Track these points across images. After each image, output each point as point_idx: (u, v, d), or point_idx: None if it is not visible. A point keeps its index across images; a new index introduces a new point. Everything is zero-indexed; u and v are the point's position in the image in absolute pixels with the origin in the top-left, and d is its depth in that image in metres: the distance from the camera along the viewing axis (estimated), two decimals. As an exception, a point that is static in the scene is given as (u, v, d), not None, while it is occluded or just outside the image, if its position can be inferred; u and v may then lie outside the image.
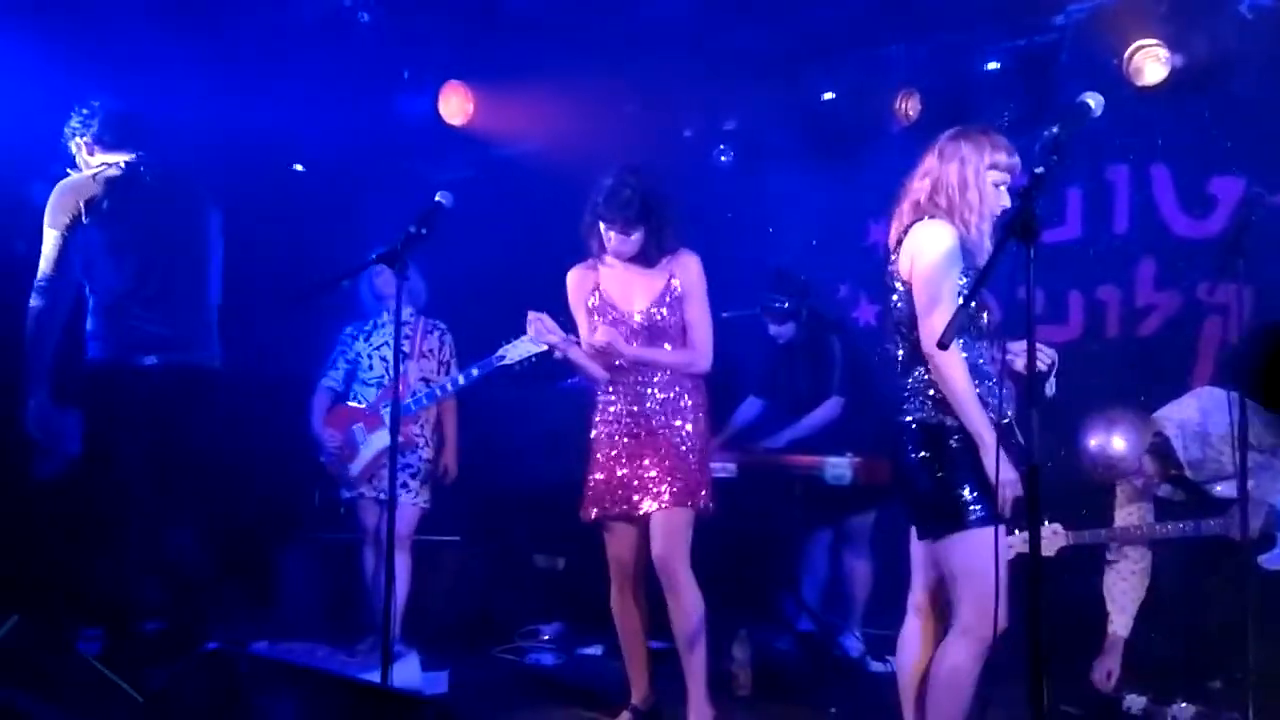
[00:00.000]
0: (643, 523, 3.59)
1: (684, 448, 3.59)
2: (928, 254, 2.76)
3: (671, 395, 3.62)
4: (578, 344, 3.69)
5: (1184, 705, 3.63)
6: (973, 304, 2.41)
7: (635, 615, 3.76)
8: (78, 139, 4.02)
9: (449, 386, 4.61)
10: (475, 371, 4.55)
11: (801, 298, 4.88)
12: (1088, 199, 5.05)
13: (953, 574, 2.79)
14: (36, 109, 4.65)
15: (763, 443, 4.86)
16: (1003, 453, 2.64)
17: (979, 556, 2.65)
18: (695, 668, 3.58)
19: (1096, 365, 4.85)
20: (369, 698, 1.91)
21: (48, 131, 4.84)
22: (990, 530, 2.63)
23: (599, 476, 3.66)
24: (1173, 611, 4.27)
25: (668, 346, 3.63)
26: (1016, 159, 2.86)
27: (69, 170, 4.09)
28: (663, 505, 3.53)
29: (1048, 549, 3.62)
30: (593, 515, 3.66)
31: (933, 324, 2.69)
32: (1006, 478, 2.66)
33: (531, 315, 3.66)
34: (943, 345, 2.18)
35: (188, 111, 4.89)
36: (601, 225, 3.61)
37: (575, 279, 3.78)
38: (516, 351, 4.45)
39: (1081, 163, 4.97)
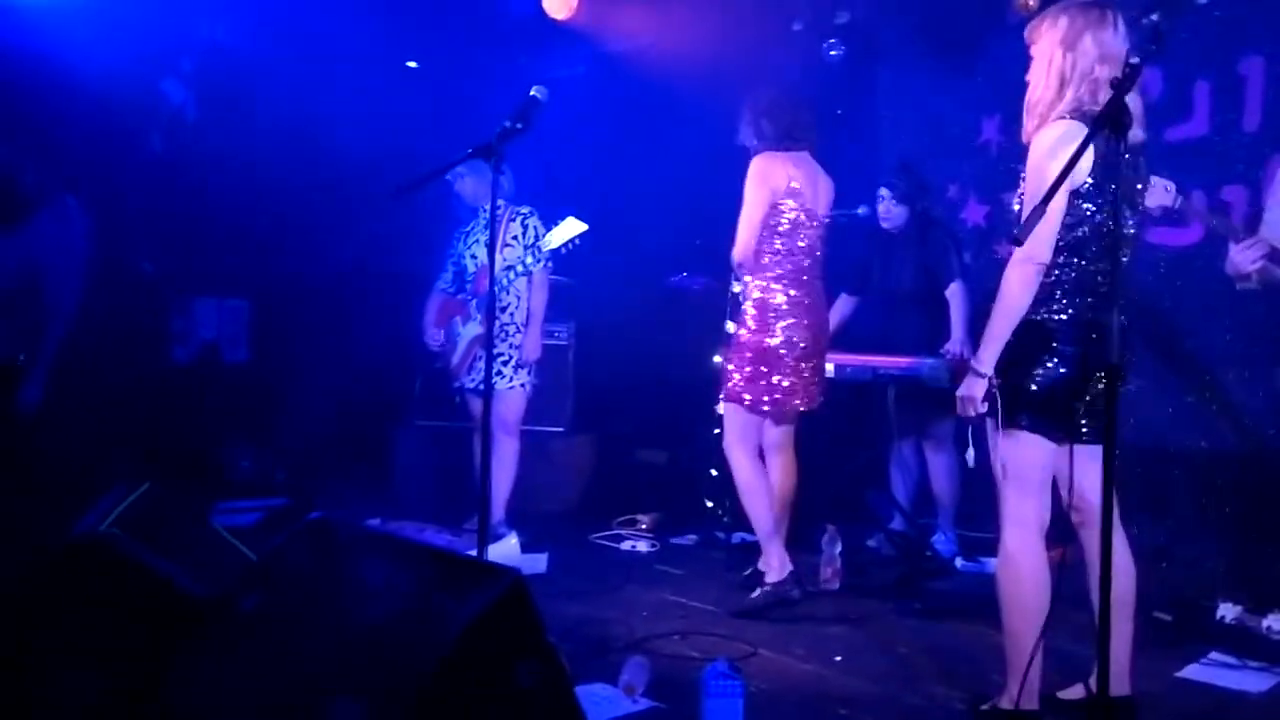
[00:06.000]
0: None
1: None
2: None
3: None
4: None
5: (1280, 616, 3.51)
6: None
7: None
8: None
9: (513, 275, 4.69)
10: (531, 260, 4.65)
11: (920, 191, 4.84)
12: (1216, 93, 4.76)
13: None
14: (164, 7, 4.85)
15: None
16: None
17: None
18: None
19: (1218, 270, 4.64)
20: (450, 563, 2.06)
21: (177, 29, 5.06)
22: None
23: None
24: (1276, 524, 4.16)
25: None
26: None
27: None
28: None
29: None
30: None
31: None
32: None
33: None
34: (1016, 242, 2.15)
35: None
36: None
37: None
38: (557, 238, 4.51)
39: (1212, 53, 4.68)
